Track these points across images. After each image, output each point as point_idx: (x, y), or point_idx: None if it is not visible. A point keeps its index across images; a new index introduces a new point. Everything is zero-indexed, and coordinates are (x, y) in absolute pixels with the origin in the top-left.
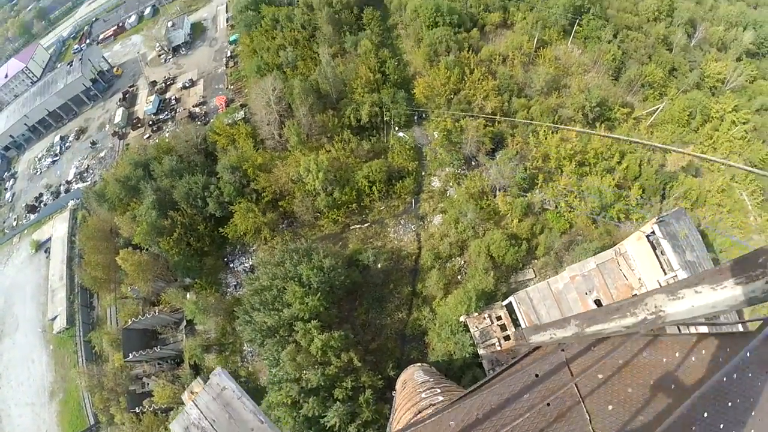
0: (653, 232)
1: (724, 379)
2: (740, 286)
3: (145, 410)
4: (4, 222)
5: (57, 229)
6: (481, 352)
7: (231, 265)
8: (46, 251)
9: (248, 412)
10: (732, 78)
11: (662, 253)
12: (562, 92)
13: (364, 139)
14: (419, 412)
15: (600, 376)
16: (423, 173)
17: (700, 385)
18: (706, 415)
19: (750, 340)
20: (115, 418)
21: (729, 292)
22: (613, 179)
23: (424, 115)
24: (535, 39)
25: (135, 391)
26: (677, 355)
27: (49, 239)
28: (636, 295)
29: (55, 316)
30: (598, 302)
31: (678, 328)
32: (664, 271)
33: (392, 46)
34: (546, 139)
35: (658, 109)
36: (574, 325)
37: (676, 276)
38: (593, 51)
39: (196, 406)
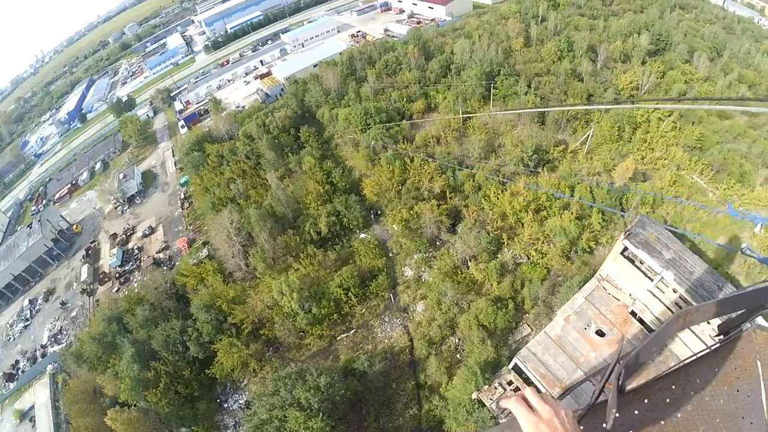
0: (626, 248)
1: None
2: None
3: None
4: None
5: (38, 396)
6: (503, 422)
7: (225, 405)
8: (31, 420)
9: None
10: (644, 81)
11: (641, 262)
12: (498, 152)
13: (328, 249)
14: None
15: None
16: (394, 266)
17: None
18: None
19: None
20: None
21: None
22: (572, 213)
23: (379, 212)
24: (461, 113)
25: None
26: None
27: (33, 407)
28: (633, 311)
29: None
30: (599, 332)
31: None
32: (650, 278)
33: (334, 156)
34: (498, 198)
35: (588, 135)
36: None
37: (662, 279)
38: (515, 106)
39: None
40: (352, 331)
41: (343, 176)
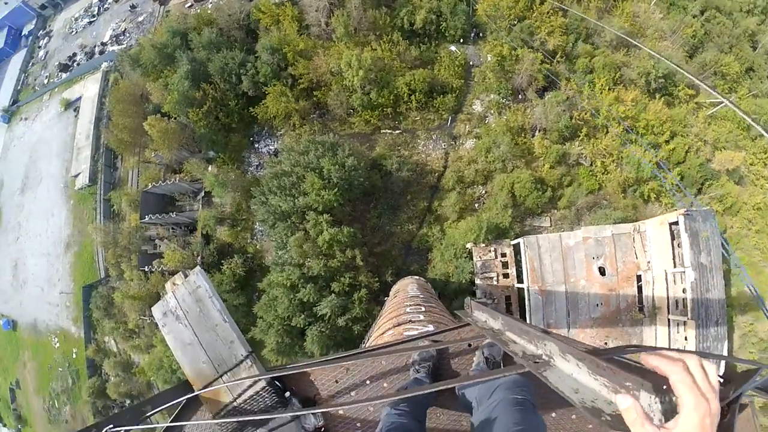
0: (677, 222)
1: None
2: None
3: (153, 270)
4: (35, 79)
5: (88, 89)
6: (477, 281)
7: (256, 146)
8: (75, 110)
9: (215, 311)
10: None
11: (679, 245)
12: (630, 52)
13: (413, 44)
14: (398, 324)
15: None
16: (466, 93)
17: None
18: None
19: None
20: (124, 274)
21: (592, 385)
22: (656, 156)
23: (481, 35)
24: None
25: (146, 251)
26: None
27: (80, 98)
28: (640, 276)
29: (78, 173)
30: (602, 270)
31: None
32: (674, 263)
33: None
34: (601, 94)
35: (722, 103)
36: (500, 322)
37: (684, 272)
38: (675, 20)
39: (175, 296)
40: (397, 131)
41: None
